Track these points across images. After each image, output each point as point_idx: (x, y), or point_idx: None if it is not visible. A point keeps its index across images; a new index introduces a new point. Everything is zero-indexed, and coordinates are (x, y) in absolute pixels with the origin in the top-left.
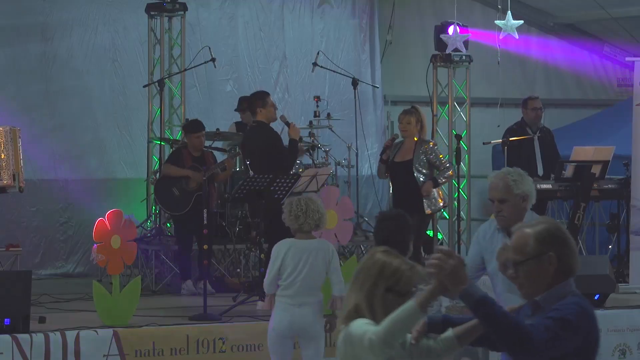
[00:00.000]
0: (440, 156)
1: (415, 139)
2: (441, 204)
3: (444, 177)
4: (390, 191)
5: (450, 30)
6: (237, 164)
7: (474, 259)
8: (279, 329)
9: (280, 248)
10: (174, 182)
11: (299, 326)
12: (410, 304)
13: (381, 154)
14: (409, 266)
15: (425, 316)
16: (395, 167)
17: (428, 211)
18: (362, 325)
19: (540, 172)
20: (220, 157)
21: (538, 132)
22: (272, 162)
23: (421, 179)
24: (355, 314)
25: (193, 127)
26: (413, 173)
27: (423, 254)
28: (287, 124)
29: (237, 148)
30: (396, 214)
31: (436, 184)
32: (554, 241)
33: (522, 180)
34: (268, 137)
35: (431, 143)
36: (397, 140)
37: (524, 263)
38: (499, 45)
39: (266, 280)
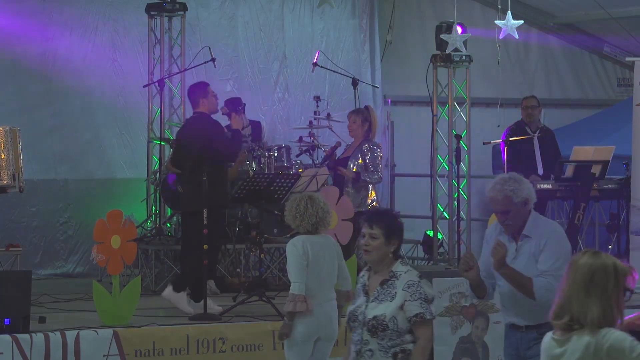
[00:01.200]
0: (379, 160)
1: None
2: (369, 201)
3: (368, 178)
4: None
5: (458, 29)
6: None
7: (487, 264)
8: (308, 333)
9: (297, 244)
10: (179, 180)
11: (324, 326)
12: None
13: (322, 161)
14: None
15: None
16: (335, 162)
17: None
18: (626, 339)
19: (540, 171)
20: None
21: (538, 132)
22: (212, 151)
23: (369, 173)
24: (604, 322)
25: None
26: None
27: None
28: (229, 114)
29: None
30: None
31: (356, 179)
32: None
33: (520, 187)
34: (208, 127)
35: (378, 145)
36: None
37: None
38: (499, 46)
39: (298, 282)
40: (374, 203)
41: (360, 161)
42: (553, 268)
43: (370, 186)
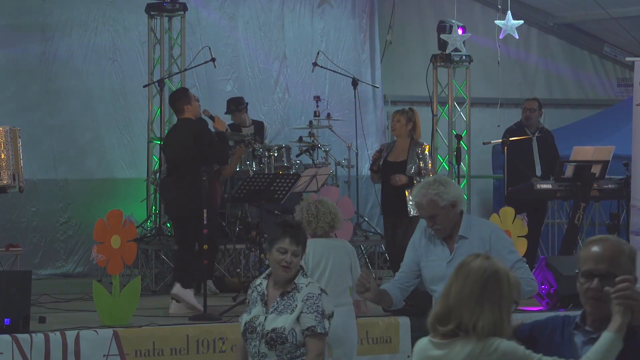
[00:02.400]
0: (430, 165)
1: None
2: None
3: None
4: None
5: (459, 30)
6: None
7: (410, 265)
8: None
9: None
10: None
11: (341, 332)
12: (612, 335)
13: (371, 167)
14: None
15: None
16: (388, 167)
17: (411, 214)
18: (518, 349)
19: (538, 172)
20: None
21: (537, 133)
22: (202, 155)
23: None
24: (494, 331)
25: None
26: (404, 174)
27: None
28: (212, 117)
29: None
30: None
31: (411, 183)
32: None
33: (446, 189)
34: (196, 131)
35: (426, 147)
36: (388, 142)
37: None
38: (499, 45)
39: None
40: None
41: (421, 164)
42: (513, 261)
43: None
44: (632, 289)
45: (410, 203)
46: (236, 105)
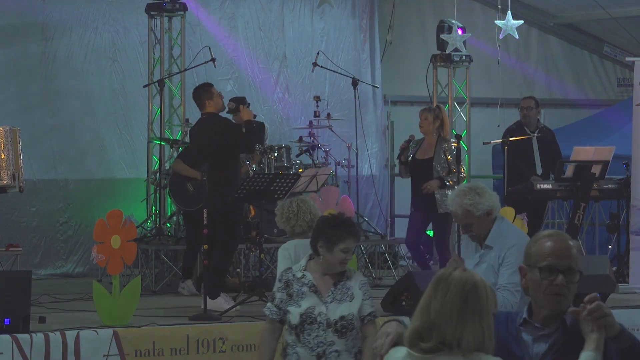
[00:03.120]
0: (450, 159)
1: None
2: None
3: (453, 180)
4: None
5: (458, 30)
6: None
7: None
8: None
9: (289, 248)
10: (189, 178)
11: None
12: (594, 354)
13: (399, 157)
14: None
15: None
16: (416, 164)
17: (440, 210)
18: None
19: (539, 171)
20: None
21: (537, 132)
22: (228, 148)
23: (441, 174)
24: (479, 346)
25: None
26: (432, 171)
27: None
28: (237, 109)
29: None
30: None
31: (442, 185)
32: None
33: (481, 199)
34: (220, 125)
35: (454, 144)
36: (417, 138)
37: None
38: (499, 45)
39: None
40: None
41: (448, 157)
42: (510, 283)
43: None
44: (602, 307)
45: (438, 200)
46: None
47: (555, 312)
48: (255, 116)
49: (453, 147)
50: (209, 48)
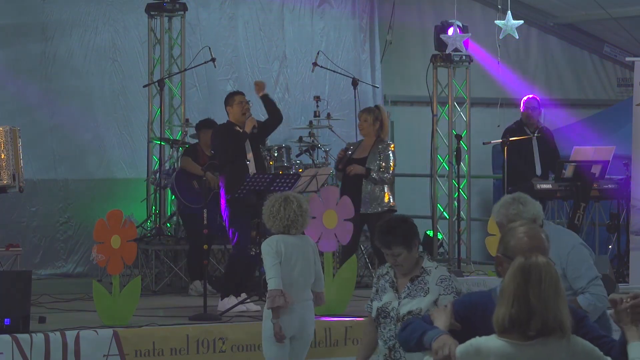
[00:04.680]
0: (391, 163)
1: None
2: (386, 202)
3: (377, 176)
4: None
5: (450, 30)
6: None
7: None
8: (286, 332)
9: (271, 244)
10: (194, 176)
11: (297, 326)
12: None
13: (336, 166)
14: None
15: None
16: (352, 162)
17: (368, 210)
18: (594, 348)
19: (538, 171)
20: None
21: (537, 132)
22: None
23: (373, 175)
24: (571, 330)
25: (204, 123)
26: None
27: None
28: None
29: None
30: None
31: (366, 175)
32: None
33: (525, 209)
34: (214, 137)
35: (391, 146)
36: (356, 142)
37: None
38: (499, 45)
39: (273, 277)
40: (391, 203)
41: (380, 162)
42: (592, 278)
43: (385, 188)
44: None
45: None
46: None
47: None
48: (249, 129)
49: (389, 152)
50: (209, 48)
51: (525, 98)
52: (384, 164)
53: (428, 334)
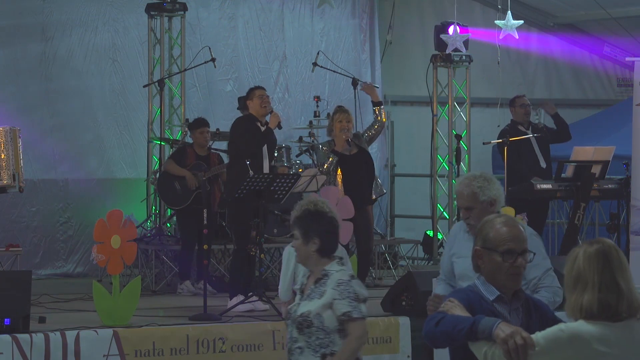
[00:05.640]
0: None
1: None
2: (384, 190)
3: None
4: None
5: (451, 30)
6: None
7: (447, 262)
8: None
9: (291, 251)
10: (177, 177)
11: None
12: None
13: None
14: None
15: None
16: (346, 160)
17: (373, 197)
18: None
19: (542, 164)
20: (225, 158)
21: (530, 128)
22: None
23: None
24: None
25: (197, 122)
26: (363, 164)
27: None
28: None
29: None
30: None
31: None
32: None
33: (489, 186)
34: (233, 128)
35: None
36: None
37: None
38: (499, 45)
39: (281, 287)
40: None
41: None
42: (550, 267)
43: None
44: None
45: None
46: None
47: (514, 289)
48: (275, 126)
49: (359, 132)
50: (209, 48)
51: (517, 97)
52: (366, 132)
53: (483, 322)
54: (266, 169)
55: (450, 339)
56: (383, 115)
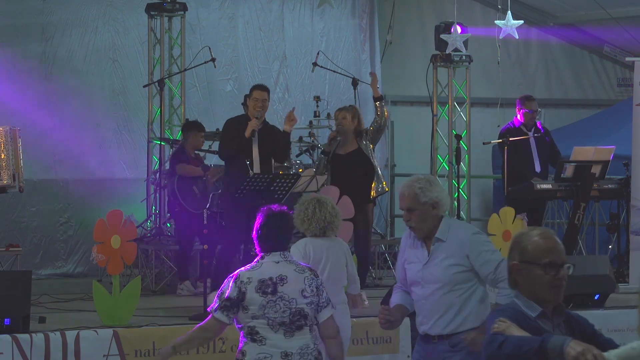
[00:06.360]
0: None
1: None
2: (386, 188)
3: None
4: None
5: (458, 29)
6: None
7: (401, 269)
8: None
9: (300, 246)
10: (194, 182)
11: None
12: None
13: (322, 152)
14: None
15: None
16: (339, 159)
17: (373, 193)
18: None
19: (537, 168)
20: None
21: (534, 131)
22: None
23: (375, 163)
24: None
25: (195, 125)
26: (359, 163)
27: None
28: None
29: None
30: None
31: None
32: None
33: (430, 188)
34: (225, 125)
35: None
36: (338, 138)
37: None
38: (499, 46)
39: None
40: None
41: (369, 146)
42: (503, 259)
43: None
44: None
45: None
46: None
47: (556, 303)
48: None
49: (367, 130)
50: (209, 48)
51: (527, 99)
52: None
53: (552, 341)
54: (256, 171)
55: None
56: (385, 111)
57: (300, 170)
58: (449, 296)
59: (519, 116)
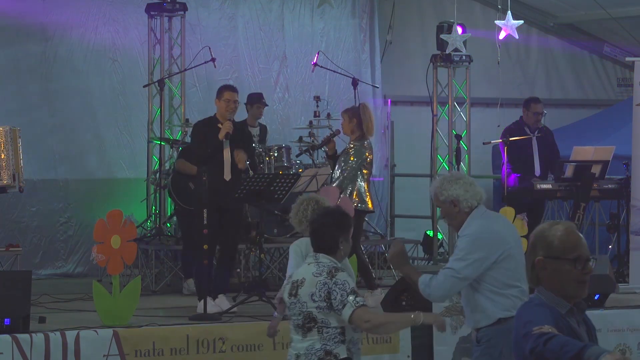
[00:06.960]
0: (351, 159)
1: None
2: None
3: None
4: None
5: (458, 30)
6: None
7: None
8: None
9: (300, 245)
10: (190, 177)
11: None
12: None
13: (323, 149)
14: None
15: None
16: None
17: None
18: None
19: (537, 172)
20: None
21: (537, 132)
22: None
23: (337, 174)
24: None
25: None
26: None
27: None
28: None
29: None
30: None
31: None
32: None
33: (449, 186)
34: (194, 128)
35: (350, 146)
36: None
37: None
38: (499, 46)
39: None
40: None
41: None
42: (453, 270)
43: (356, 186)
44: None
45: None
46: (258, 98)
47: (582, 297)
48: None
49: (350, 148)
50: (209, 48)
51: (533, 102)
52: (342, 164)
53: (590, 350)
54: (227, 175)
55: (556, 359)
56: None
57: (300, 170)
58: (467, 291)
59: (524, 117)
